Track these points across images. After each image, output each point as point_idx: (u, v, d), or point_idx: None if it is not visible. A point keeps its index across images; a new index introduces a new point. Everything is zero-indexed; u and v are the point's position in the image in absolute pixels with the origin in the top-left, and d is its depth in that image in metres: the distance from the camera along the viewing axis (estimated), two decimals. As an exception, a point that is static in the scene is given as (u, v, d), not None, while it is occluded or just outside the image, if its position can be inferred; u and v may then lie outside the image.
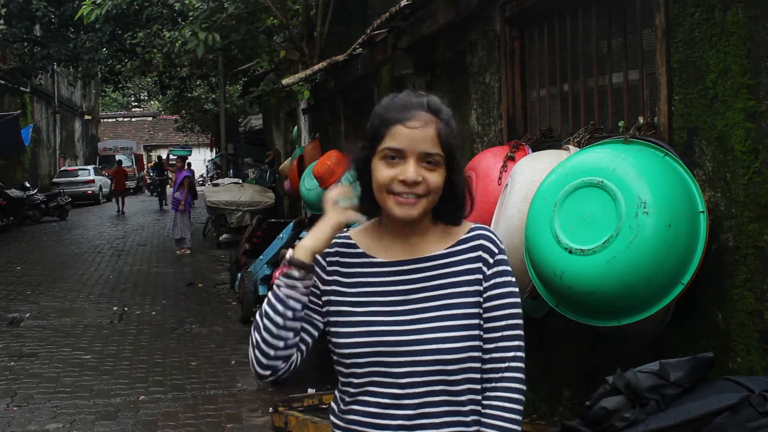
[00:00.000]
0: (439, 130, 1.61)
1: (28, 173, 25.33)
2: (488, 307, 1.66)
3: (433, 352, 1.60)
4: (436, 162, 1.60)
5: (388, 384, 1.62)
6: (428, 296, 1.65)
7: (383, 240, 1.71)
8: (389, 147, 1.60)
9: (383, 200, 1.63)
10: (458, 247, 1.69)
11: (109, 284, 11.54)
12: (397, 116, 1.61)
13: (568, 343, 3.94)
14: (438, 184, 1.61)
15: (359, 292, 1.68)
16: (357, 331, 1.64)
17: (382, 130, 1.62)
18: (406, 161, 1.59)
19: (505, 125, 4.70)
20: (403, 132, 1.60)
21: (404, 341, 1.61)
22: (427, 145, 1.60)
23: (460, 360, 1.61)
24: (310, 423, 4.73)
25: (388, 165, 1.60)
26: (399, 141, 1.60)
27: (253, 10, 9.74)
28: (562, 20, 4.22)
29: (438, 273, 1.67)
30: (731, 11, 2.78)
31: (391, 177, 1.60)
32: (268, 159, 17.99)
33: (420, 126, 1.60)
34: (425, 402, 1.61)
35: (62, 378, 6.66)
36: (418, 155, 1.59)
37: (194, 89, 28.04)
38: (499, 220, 3.59)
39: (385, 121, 1.62)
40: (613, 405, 2.54)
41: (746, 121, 2.74)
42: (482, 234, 1.70)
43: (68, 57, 17.21)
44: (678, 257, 2.73)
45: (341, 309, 1.68)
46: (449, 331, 1.61)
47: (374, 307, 1.65)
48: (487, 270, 1.67)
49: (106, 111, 52.39)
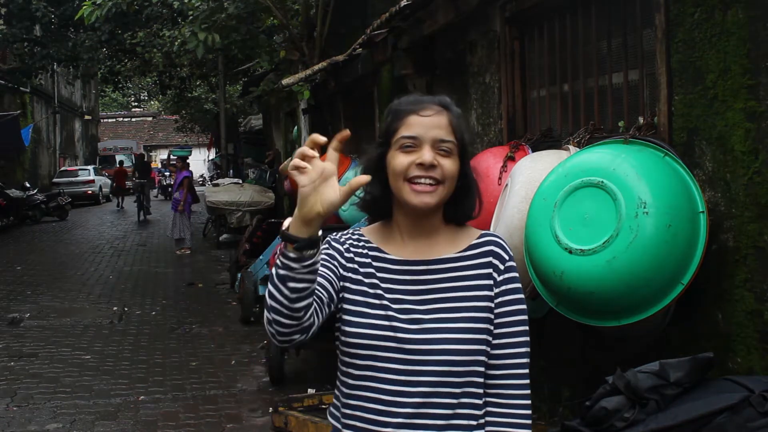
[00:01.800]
0: (450, 119, 1.66)
1: (28, 173, 25.32)
2: (500, 313, 1.68)
3: (441, 353, 1.61)
4: (450, 150, 1.64)
5: (391, 381, 1.63)
6: (440, 298, 1.66)
7: (396, 240, 1.73)
8: (404, 135, 1.64)
9: (400, 190, 1.64)
10: (470, 252, 1.71)
11: (109, 284, 11.54)
12: (411, 108, 1.67)
13: (568, 344, 3.94)
14: (452, 172, 1.64)
15: (372, 283, 1.69)
16: (367, 323, 1.65)
17: (396, 123, 1.67)
18: (422, 147, 1.63)
19: (505, 125, 4.70)
20: (417, 120, 1.65)
21: (413, 339, 1.62)
22: (441, 131, 1.64)
23: (466, 363, 1.63)
24: (310, 423, 4.73)
25: (405, 153, 1.64)
26: (413, 128, 1.64)
27: (253, 10, 9.74)
28: (562, 20, 4.22)
29: (450, 276, 1.68)
30: (731, 11, 2.78)
31: (408, 163, 1.63)
32: (268, 159, 17.98)
33: (433, 114, 1.65)
34: (426, 402, 1.62)
35: (62, 378, 6.66)
36: (433, 141, 1.63)
37: (194, 89, 28.05)
38: (499, 220, 3.59)
39: (398, 114, 1.68)
40: (613, 405, 2.54)
41: (746, 121, 2.74)
42: (493, 240, 1.73)
43: (68, 57, 17.20)
44: (678, 257, 2.73)
45: (355, 298, 1.68)
46: (459, 333, 1.62)
47: (386, 302, 1.66)
48: (498, 276, 1.69)
49: (106, 111, 52.38)
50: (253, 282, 8.57)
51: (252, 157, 21.17)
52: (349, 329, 1.66)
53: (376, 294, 1.67)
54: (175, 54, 13.26)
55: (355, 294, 1.68)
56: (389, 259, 1.71)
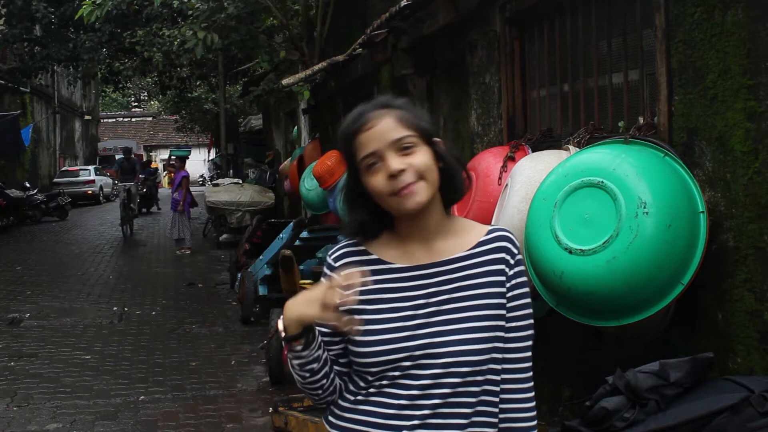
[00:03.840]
0: (396, 116, 1.63)
1: (28, 173, 25.31)
2: (512, 307, 1.67)
3: (457, 354, 1.59)
4: (412, 143, 1.61)
5: (406, 386, 1.60)
6: (453, 298, 1.64)
7: (400, 247, 1.69)
8: (363, 155, 1.61)
9: (389, 205, 1.62)
10: (480, 248, 1.68)
11: (109, 284, 11.54)
12: (355, 127, 1.64)
13: (568, 344, 3.94)
14: (426, 163, 1.61)
15: (378, 299, 1.65)
16: (378, 339, 1.61)
17: (351, 148, 1.64)
18: (385, 158, 1.60)
19: (505, 125, 4.70)
20: (366, 136, 1.62)
21: (427, 344, 1.60)
22: (393, 132, 1.61)
23: (483, 362, 1.61)
24: (310, 423, 4.72)
25: (374, 172, 1.61)
26: (367, 145, 1.61)
27: (252, 10, 9.74)
28: (562, 20, 4.22)
29: (462, 275, 1.65)
30: (731, 11, 2.78)
31: (381, 180, 1.60)
32: (268, 159, 17.98)
33: (376, 122, 1.62)
34: (444, 403, 1.60)
35: (62, 378, 6.66)
36: (391, 146, 1.60)
37: (194, 89, 28.02)
38: (499, 220, 3.59)
39: (348, 138, 1.65)
40: (613, 405, 2.54)
41: (746, 121, 2.74)
42: (502, 235, 1.70)
43: (68, 57, 17.20)
44: (678, 257, 2.73)
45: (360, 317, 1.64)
46: (476, 333, 1.61)
47: (395, 313, 1.63)
48: (509, 270, 1.67)
49: (106, 111, 52.36)
50: (253, 282, 8.57)
51: (252, 157, 21.16)
52: (359, 349, 1.64)
53: (382, 309, 1.64)
54: (175, 54, 13.24)
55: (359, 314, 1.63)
56: (393, 268, 1.67)
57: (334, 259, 1.72)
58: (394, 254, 1.69)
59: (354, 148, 1.63)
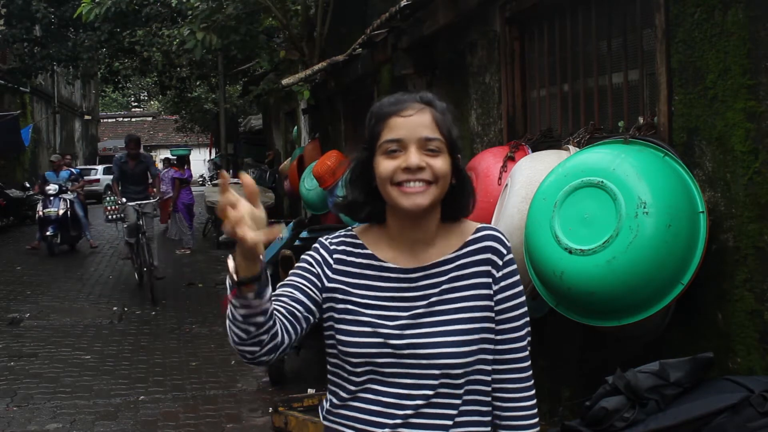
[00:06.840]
0: (434, 116, 1.61)
1: (28, 173, 25.31)
2: (501, 309, 1.66)
3: (440, 356, 1.59)
4: (437, 148, 1.59)
5: (392, 384, 1.62)
6: (439, 300, 1.63)
7: (390, 245, 1.69)
8: (388, 139, 1.60)
9: (389, 195, 1.60)
10: (466, 249, 1.67)
11: (109, 284, 11.54)
12: (392, 109, 1.62)
13: (568, 343, 3.94)
14: (444, 170, 1.59)
15: (368, 294, 1.65)
16: (365, 331, 1.62)
17: (378, 127, 1.62)
18: (407, 150, 1.58)
19: (505, 125, 4.70)
20: (399, 121, 1.60)
21: (411, 344, 1.60)
22: (426, 130, 1.59)
23: (469, 364, 1.61)
24: (310, 423, 4.72)
25: (390, 157, 1.59)
26: (396, 131, 1.59)
27: (252, 10, 9.73)
28: (562, 20, 4.22)
29: (447, 278, 1.65)
30: (731, 11, 2.78)
31: (393, 168, 1.58)
32: (268, 159, 17.98)
33: (415, 113, 1.60)
34: (427, 403, 1.61)
35: (62, 378, 6.66)
36: (418, 142, 1.58)
37: (194, 89, 28.02)
38: (499, 220, 3.59)
39: (380, 116, 1.63)
40: (613, 405, 2.54)
41: (746, 121, 2.74)
42: (490, 234, 1.69)
43: (68, 57, 17.19)
44: (678, 257, 2.73)
45: (348, 308, 1.65)
46: (459, 336, 1.60)
47: (383, 311, 1.63)
48: (496, 272, 1.66)
49: (106, 111, 52.34)
50: (253, 282, 8.55)
51: (252, 157, 21.15)
52: (345, 338, 1.64)
53: (371, 304, 1.64)
54: (175, 54, 13.25)
55: (347, 303, 1.65)
56: (384, 267, 1.67)
57: (330, 242, 1.72)
58: (388, 254, 1.68)
59: (381, 128, 1.61)
